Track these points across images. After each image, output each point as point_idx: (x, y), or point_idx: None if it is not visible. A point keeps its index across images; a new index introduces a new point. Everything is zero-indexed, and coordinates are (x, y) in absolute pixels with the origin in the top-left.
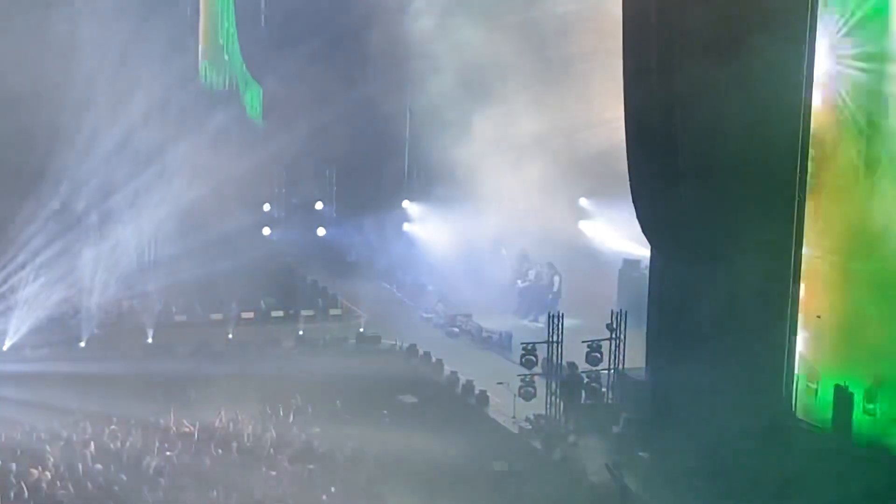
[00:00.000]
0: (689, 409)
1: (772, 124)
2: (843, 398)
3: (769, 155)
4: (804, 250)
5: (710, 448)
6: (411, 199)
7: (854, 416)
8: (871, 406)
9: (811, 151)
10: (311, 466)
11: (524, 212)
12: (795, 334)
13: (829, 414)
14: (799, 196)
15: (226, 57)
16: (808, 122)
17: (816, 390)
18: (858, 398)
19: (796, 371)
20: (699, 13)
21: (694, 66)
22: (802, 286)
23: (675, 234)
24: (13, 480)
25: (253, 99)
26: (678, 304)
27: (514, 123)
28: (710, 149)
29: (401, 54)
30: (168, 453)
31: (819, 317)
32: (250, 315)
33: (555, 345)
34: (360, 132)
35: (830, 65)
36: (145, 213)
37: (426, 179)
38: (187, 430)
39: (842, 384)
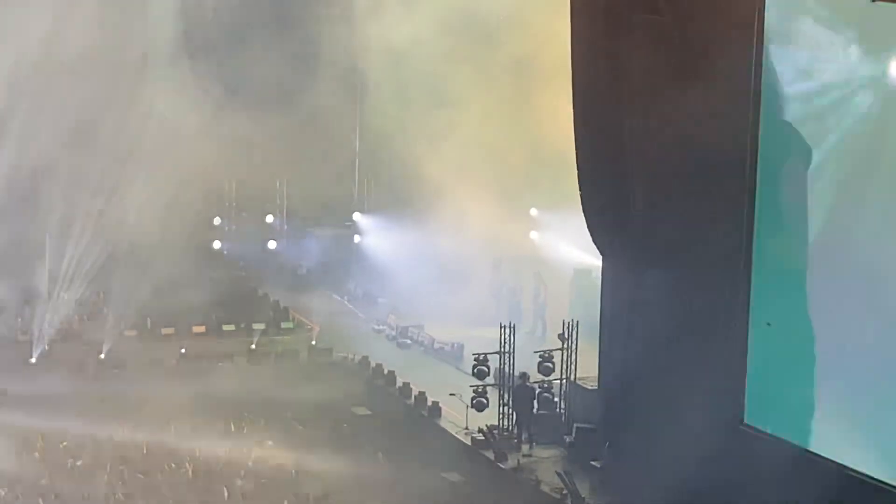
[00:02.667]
0: (641, 418)
1: (720, 131)
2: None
3: (718, 161)
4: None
5: (662, 456)
6: (362, 212)
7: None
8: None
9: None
10: (265, 480)
11: (476, 222)
12: (747, 340)
13: (781, 421)
14: (749, 201)
15: (174, 69)
16: (756, 127)
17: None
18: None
19: (747, 377)
20: (647, 28)
21: (643, 78)
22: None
23: (626, 242)
24: None
25: (204, 112)
26: (630, 312)
27: (464, 134)
28: (660, 157)
29: (350, 65)
30: (121, 468)
31: (769, 324)
32: (202, 329)
33: (507, 355)
34: (310, 144)
35: None
36: (94, 228)
37: (377, 192)
38: (140, 445)
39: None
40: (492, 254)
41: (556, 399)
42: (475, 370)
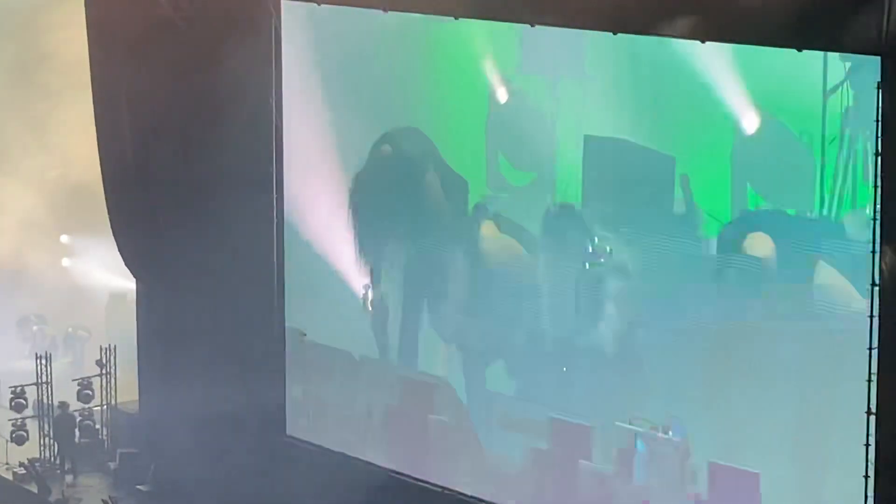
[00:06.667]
0: (183, 439)
1: (245, 144)
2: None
3: (246, 176)
4: None
5: (207, 476)
6: None
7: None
8: None
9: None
10: None
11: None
12: (284, 350)
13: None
14: (278, 215)
15: None
16: (280, 137)
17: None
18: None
19: (287, 388)
20: (166, 41)
21: (164, 95)
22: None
23: (157, 264)
24: None
25: None
26: (167, 333)
27: None
28: (186, 176)
29: None
30: None
31: (304, 335)
32: None
33: (45, 385)
34: None
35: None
36: None
37: None
38: None
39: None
40: (22, 284)
41: (98, 426)
42: (13, 403)
